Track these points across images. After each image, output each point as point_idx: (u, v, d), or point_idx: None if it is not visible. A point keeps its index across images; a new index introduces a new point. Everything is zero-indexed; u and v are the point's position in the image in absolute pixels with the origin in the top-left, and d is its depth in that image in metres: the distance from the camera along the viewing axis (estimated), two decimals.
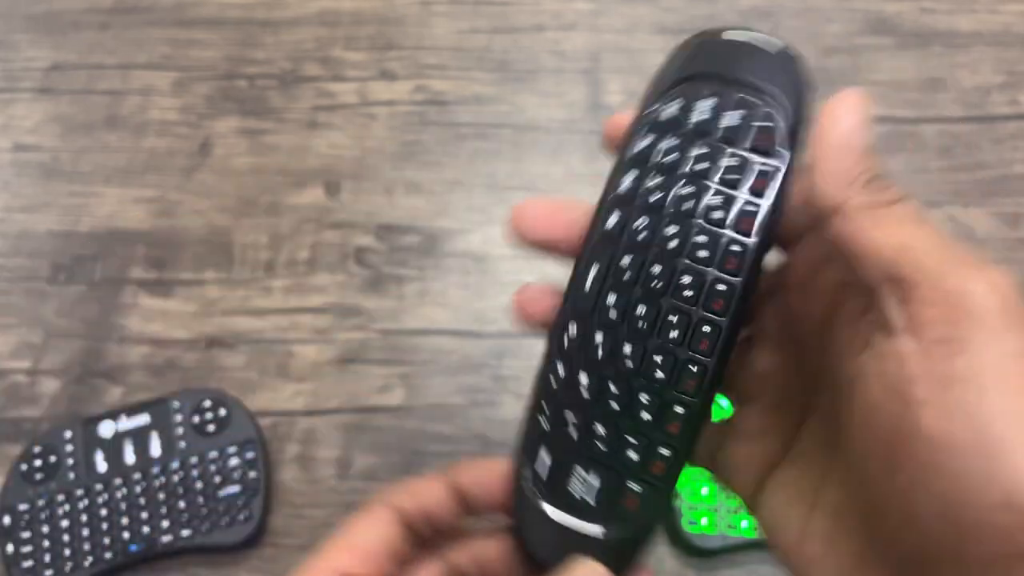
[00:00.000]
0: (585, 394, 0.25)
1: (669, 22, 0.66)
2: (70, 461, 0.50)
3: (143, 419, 0.51)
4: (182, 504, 0.49)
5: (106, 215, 0.61)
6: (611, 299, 0.25)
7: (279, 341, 0.55)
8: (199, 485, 0.49)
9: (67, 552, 0.48)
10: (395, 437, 0.52)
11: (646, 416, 0.24)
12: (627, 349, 0.24)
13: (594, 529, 0.25)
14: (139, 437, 0.51)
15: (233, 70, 0.67)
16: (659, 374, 0.24)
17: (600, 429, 0.25)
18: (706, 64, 0.25)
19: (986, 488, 0.18)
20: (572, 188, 0.59)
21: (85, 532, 0.48)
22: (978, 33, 0.64)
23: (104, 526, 0.48)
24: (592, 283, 0.25)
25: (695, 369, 0.24)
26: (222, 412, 0.51)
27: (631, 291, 0.24)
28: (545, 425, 0.26)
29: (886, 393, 0.20)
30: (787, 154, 0.24)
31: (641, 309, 0.24)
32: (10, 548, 0.48)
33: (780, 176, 0.24)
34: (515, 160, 0.61)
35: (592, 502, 0.25)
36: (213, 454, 0.50)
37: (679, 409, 0.24)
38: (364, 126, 0.63)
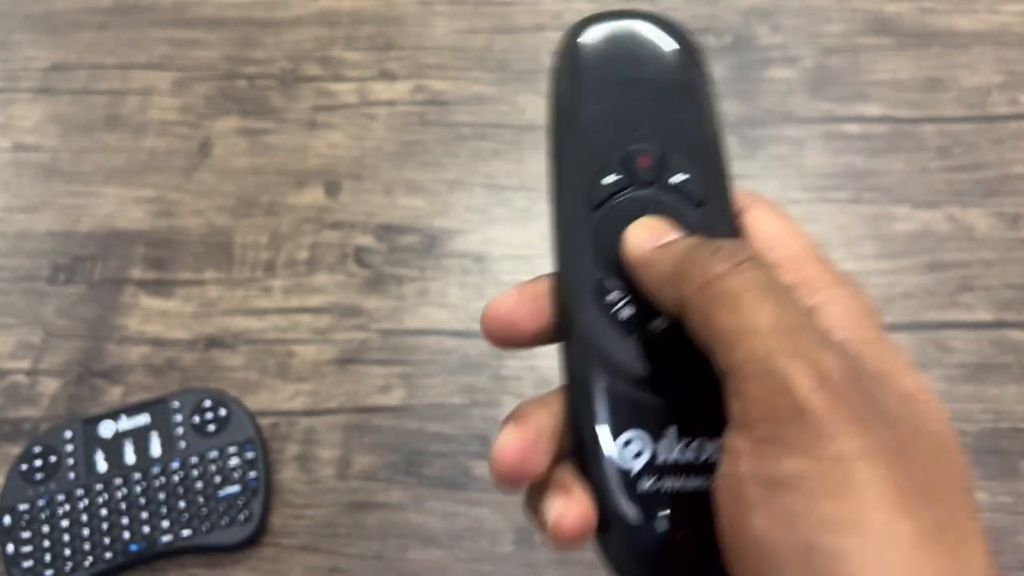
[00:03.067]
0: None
1: None
2: (70, 461, 0.50)
3: (143, 419, 0.51)
4: (182, 504, 0.49)
5: (106, 215, 0.61)
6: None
7: (279, 341, 0.55)
8: (199, 485, 0.49)
9: (67, 552, 0.48)
10: (395, 437, 0.52)
11: None
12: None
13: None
14: (139, 437, 0.51)
15: (233, 70, 0.67)
16: None
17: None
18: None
19: None
20: None
21: (85, 532, 0.48)
22: (978, 33, 0.64)
23: (104, 526, 0.48)
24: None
25: None
26: (222, 412, 0.51)
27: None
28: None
29: (724, 490, 0.19)
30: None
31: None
32: (10, 548, 0.48)
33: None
34: (515, 160, 0.61)
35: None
36: (213, 454, 0.50)
37: None
38: (364, 126, 0.63)
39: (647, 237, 0.23)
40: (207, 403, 0.51)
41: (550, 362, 0.56)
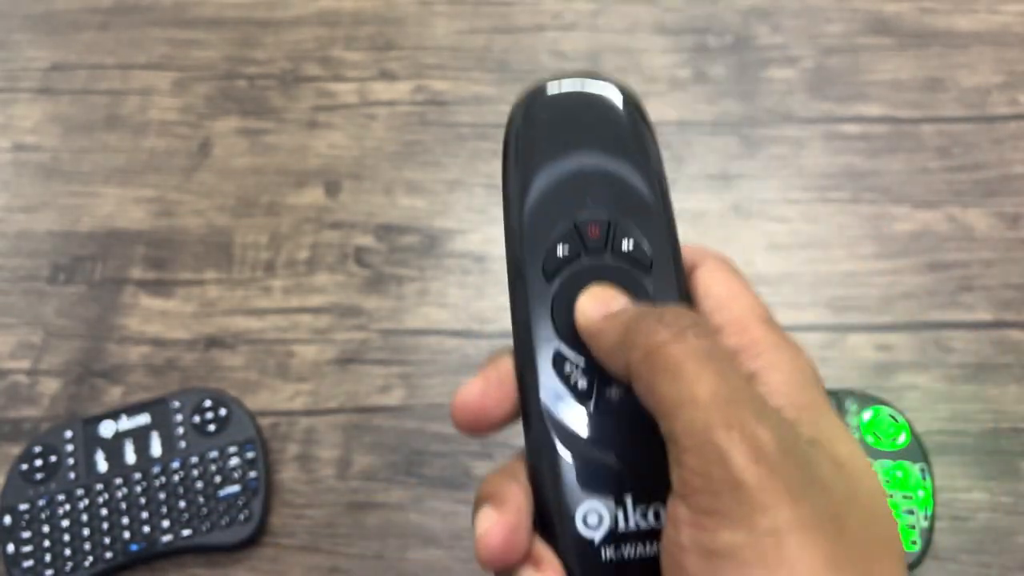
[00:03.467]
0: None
1: (669, 22, 0.66)
2: (70, 461, 0.50)
3: (143, 419, 0.51)
4: (182, 504, 0.49)
5: (106, 215, 0.61)
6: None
7: (279, 341, 0.55)
8: (199, 485, 0.49)
9: (67, 552, 0.48)
10: (395, 437, 0.52)
11: None
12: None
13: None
14: (139, 437, 0.51)
15: (233, 70, 0.67)
16: None
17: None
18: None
19: None
20: None
21: (85, 532, 0.48)
22: (978, 33, 0.64)
23: (104, 526, 0.48)
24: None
25: None
26: (222, 412, 0.51)
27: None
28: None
29: (667, 556, 0.20)
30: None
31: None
32: (10, 548, 0.48)
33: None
34: None
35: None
36: (213, 454, 0.50)
37: None
38: (364, 126, 0.63)
39: (596, 306, 0.23)
40: (207, 403, 0.51)
41: None
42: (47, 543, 0.48)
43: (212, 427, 0.51)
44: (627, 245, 0.25)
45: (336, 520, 0.50)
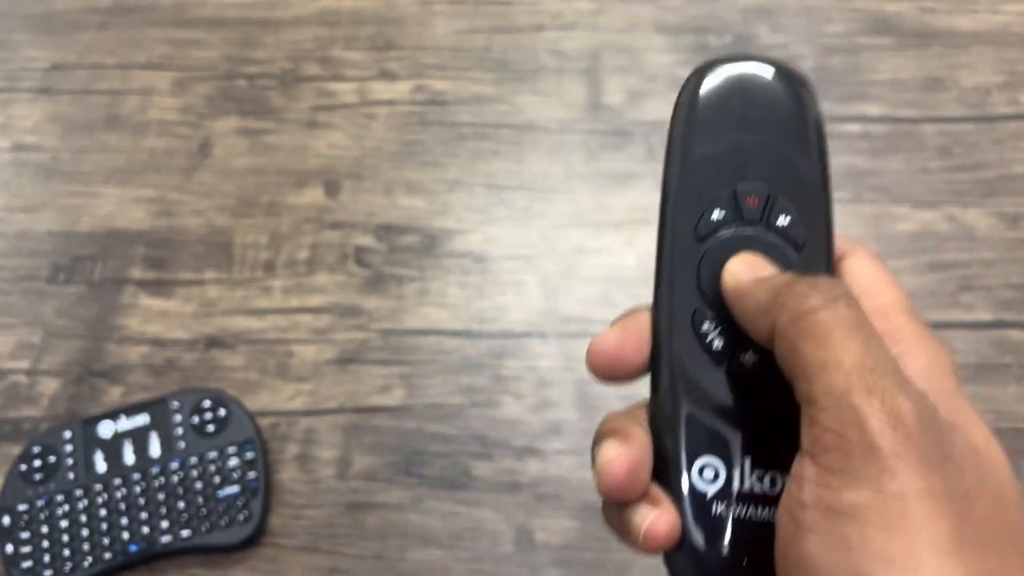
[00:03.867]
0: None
1: (669, 22, 0.66)
2: (69, 461, 0.50)
3: (143, 419, 0.51)
4: (181, 504, 0.49)
5: (106, 215, 0.61)
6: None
7: (279, 341, 0.55)
8: (199, 485, 0.49)
9: (66, 552, 0.48)
10: (395, 437, 0.52)
11: None
12: None
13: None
14: (138, 437, 0.51)
15: (233, 70, 0.67)
16: None
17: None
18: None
19: None
20: (572, 187, 0.59)
21: (84, 532, 0.48)
22: (978, 33, 0.64)
23: (103, 526, 0.48)
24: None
25: None
26: (222, 412, 0.51)
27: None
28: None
29: (785, 515, 0.20)
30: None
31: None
32: (9, 548, 0.48)
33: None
34: (515, 160, 0.61)
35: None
36: (213, 454, 0.50)
37: None
38: (364, 126, 0.63)
39: (746, 269, 0.24)
40: (207, 403, 0.51)
41: (549, 362, 0.56)
42: (46, 543, 0.48)
43: (211, 427, 0.51)
44: (783, 221, 0.25)
45: (336, 520, 0.50)
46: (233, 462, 0.50)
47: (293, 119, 0.64)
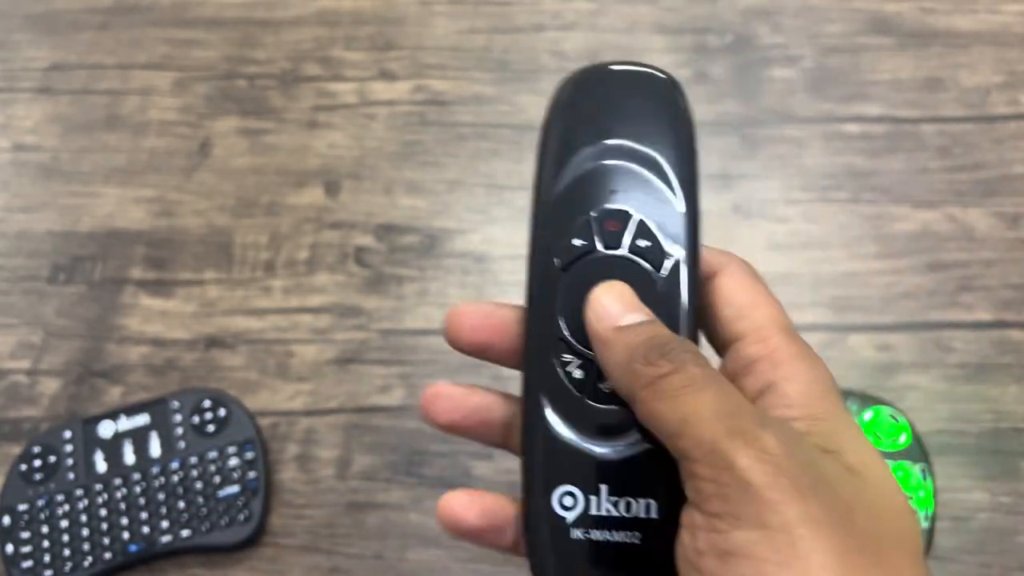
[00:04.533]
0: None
1: (669, 22, 0.66)
2: (70, 461, 0.50)
3: (143, 419, 0.51)
4: (182, 504, 0.49)
5: (106, 215, 0.61)
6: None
7: (279, 341, 0.55)
8: (199, 485, 0.49)
9: (67, 552, 0.48)
10: (395, 437, 0.52)
11: None
12: None
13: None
14: (139, 437, 0.51)
15: (233, 70, 0.67)
16: None
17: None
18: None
19: None
20: None
21: (85, 532, 0.48)
22: (978, 33, 0.64)
23: (104, 526, 0.48)
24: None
25: None
26: (222, 412, 0.51)
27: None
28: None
29: (685, 563, 0.21)
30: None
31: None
32: (10, 548, 0.48)
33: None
34: (515, 160, 0.61)
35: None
36: (213, 454, 0.50)
37: None
38: (364, 126, 0.63)
39: (610, 309, 0.24)
40: (207, 403, 0.51)
41: None
42: (46, 543, 0.48)
43: (212, 427, 0.51)
44: (643, 243, 0.25)
45: (336, 520, 0.50)
46: (233, 462, 0.50)
47: (293, 119, 0.64)
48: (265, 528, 0.49)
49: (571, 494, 0.24)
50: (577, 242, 0.25)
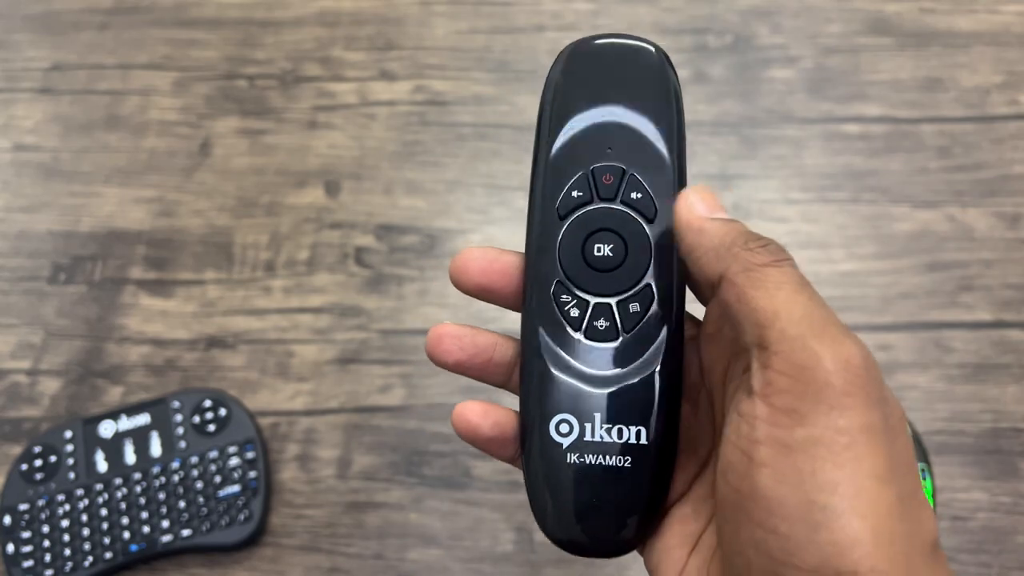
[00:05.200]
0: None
1: (669, 22, 0.66)
2: (70, 461, 0.50)
3: (143, 419, 0.51)
4: (182, 504, 0.49)
5: (106, 215, 0.61)
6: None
7: (279, 341, 0.55)
8: (199, 485, 0.49)
9: (67, 552, 0.48)
10: (395, 437, 0.52)
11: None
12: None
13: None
14: (139, 437, 0.51)
15: (233, 70, 0.67)
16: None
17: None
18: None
19: (806, 551, 0.20)
20: None
21: (85, 532, 0.48)
22: (978, 33, 0.64)
23: (104, 526, 0.48)
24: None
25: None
26: (222, 412, 0.51)
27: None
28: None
29: (736, 452, 0.22)
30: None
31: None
32: (10, 548, 0.48)
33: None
34: (515, 160, 0.61)
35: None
36: (213, 454, 0.50)
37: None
38: (364, 126, 0.63)
39: (701, 205, 0.25)
40: (207, 403, 0.51)
41: None
42: (47, 543, 0.48)
43: (212, 427, 0.51)
44: (635, 195, 0.27)
45: (336, 520, 0.50)
46: (234, 462, 0.50)
47: (293, 119, 0.64)
48: (265, 528, 0.49)
49: (567, 422, 0.27)
50: (576, 193, 0.28)
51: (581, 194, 0.28)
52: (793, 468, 0.20)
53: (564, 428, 0.27)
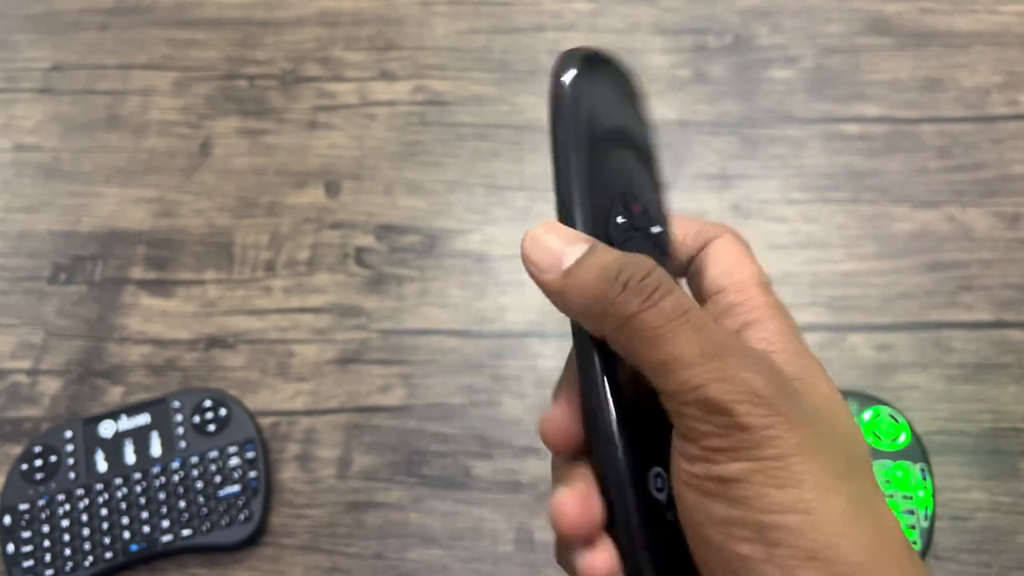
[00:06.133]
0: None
1: (669, 22, 0.66)
2: (70, 461, 0.50)
3: (143, 419, 0.51)
4: (182, 504, 0.49)
5: (106, 215, 0.61)
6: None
7: (279, 341, 0.55)
8: (199, 485, 0.49)
9: (67, 552, 0.48)
10: (395, 437, 0.52)
11: None
12: None
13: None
14: (139, 437, 0.51)
15: (233, 70, 0.67)
16: None
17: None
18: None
19: (770, 567, 0.20)
20: None
21: (85, 532, 0.48)
22: (978, 33, 0.64)
23: (104, 526, 0.48)
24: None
25: None
26: (222, 412, 0.51)
27: None
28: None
29: (683, 486, 0.22)
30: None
31: None
32: (10, 548, 0.48)
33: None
34: (515, 160, 0.61)
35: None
36: (213, 454, 0.50)
37: None
38: (364, 126, 0.63)
39: (546, 254, 0.23)
40: (207, 403, 0.51)
41: (550, 362, 0.56)
42: (47, 543, 0.48)
43: (212, 427, 0.51)
44: (656, 230, 0.26)
45: (336, 520, 0.50)
46: (234, 462, 0.50)
47: (293, 119, 0.64)
48: (265, 528, 0.49)
49: (659, 475, 0.23)
50: (620, 220, 0.25)
51: (624, 220, 0.25)
52: (741, 497, 0.20)
53: (659, 482, 0.23)
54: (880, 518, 0.21)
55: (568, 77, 0.26)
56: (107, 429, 0.51)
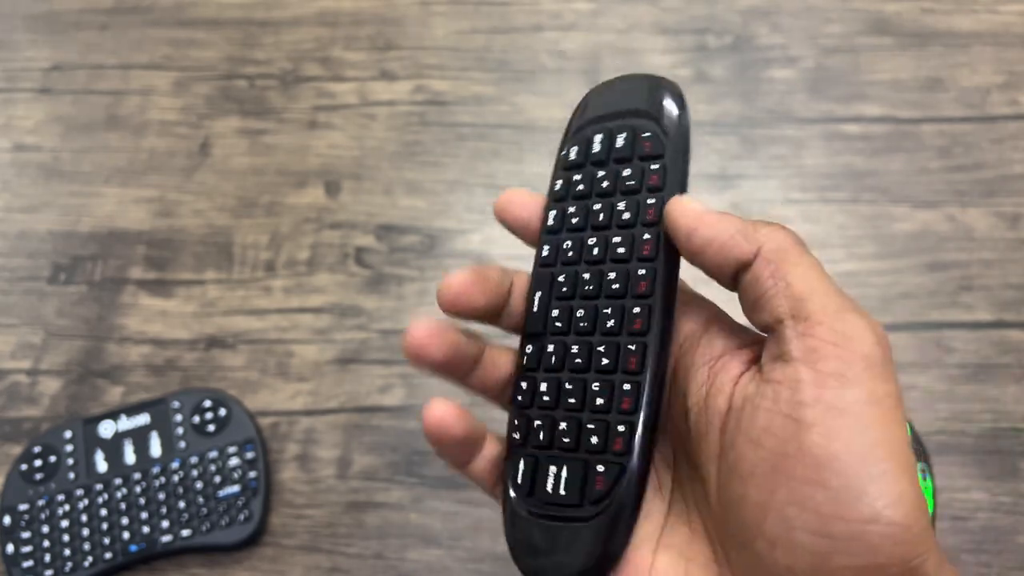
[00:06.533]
0: (547, 398, 0.28)
1: (669, 22, 0.66)
2: (70, 461, 0.50)
3: (143, 419, 0.51)
4: (182, 504, 0.49)
5: (106, 215, 0.61)
6: (555, 312, 0.28)
7: (279, 341, 0.55)
8: (199, 485, 0.49)
9: (67, 552, 0.48)
10: (395, 437, 0.52)
11: (600, 401, 0.26)
12: (575, 348, 0.27)
13: (575, 514, 0.26)
14: (139, 437, 0.51)
15: (233, 70, 0.67)
16: (605, 361, 0.27)
17: (563, 424, 0.27)
18: (593, 110, 0.31)
19: (860, 502, 0.21)
20: None
21: (85, 532, 0.48)
22: (978, 33, 0.64)
23: (104, 526, 0.48)
24: (539, 305, 0.29)
25: (634, 348, 0.26)
26: (222, 412, 0.51)
27: (571, 301, 0.28)
28: (518, 437, 0.28)
29: (776, 417, 0.23)
30: (669, 148, 0.28)
31: (580, 312, 0.28)
32: (10, 548, 0.48)
33: (669, 169, 0.28)
34: (515, 160, 0.61)
35: (566, 493, 0.26)
36: (213, 454, 0.50)
37: (627, 387, 0.26)
38: (364, 126, 0.63)
39: (697, 203, 0.26)
40: (207, 403, 0.51)
41: None
42: (47, 543, 0.48)
43: (212, 427, 0.51)
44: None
45: (336, 520, 0.50)
46: (233, 462, 0.50)
47: (293, 119, 0.64)
48: (265, 528, 0.49)
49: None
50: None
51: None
52: (845, 427, 0.21)
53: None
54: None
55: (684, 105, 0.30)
56: (107, 429, 0.51)
